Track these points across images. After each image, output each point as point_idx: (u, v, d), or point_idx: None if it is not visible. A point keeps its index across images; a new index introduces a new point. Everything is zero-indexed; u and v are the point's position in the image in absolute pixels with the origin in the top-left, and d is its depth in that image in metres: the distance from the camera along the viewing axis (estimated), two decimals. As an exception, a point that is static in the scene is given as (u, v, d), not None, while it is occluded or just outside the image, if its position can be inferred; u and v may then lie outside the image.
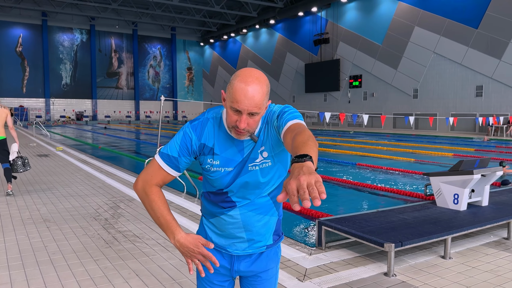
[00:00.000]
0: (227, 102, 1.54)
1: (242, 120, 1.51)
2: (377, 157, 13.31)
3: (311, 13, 37.12)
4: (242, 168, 1.65)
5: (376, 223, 4.44)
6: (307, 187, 1.04)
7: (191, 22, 51.46)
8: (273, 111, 1.63)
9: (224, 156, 1.65)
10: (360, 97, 33.31)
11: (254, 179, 1.66)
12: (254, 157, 1.65)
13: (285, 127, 1.50)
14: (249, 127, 1.55)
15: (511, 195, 6.04)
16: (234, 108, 1.51)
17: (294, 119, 1.52)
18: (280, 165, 1.71)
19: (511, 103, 23.58)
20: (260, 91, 1.50)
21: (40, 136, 22.21)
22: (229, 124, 1.57)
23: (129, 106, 51.86)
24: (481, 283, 3.55)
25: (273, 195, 1.76)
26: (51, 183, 8.28)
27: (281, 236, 1.88)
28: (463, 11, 25.43)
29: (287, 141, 1.44)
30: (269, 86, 1.58)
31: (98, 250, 4.32)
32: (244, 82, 1.49)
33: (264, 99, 1.52)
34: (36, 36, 45.82)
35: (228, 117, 1.56)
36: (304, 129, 1.42)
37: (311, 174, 1.08)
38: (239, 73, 1.53)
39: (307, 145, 1.29)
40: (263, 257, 1.81)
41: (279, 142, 1.61)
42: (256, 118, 1.54)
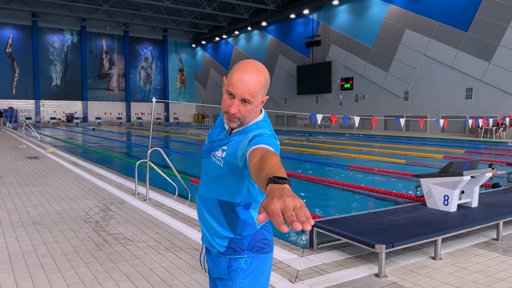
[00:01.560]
0: (224, 86, 1.60)
1: (234, 104, 1.55)
2: (368, 159, 13.38)
3: (303, 15, 37.26)
4: (209, 152, 1.75)
5: (367, 225, 4.46)
6: (294, 210, 0.99)
7: (182, 24, 51.36)
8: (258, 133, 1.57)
9: (213, 130, 1.81)
10: (351, 99, 33.47)
11: (207, 167, 1.75)
12: (216, 147, 1.72)
13: (255, 146, 1.44)
14: (240, 115, 1.57)
15: (500, 196, 6.10)
16: (229, 92, 1.55)
17: (268, 145, 1.46)
18: (230, 177, 1.67)
19: (500, 105, 23.86)
20: (257, 80, 1.54)
21: (30, 138, 21.99)
22: (223, 109, 1.62)
23: (120, 107, 51.56)
24: (470, 283, 3.59)
25: (225, 212, 1.73)
26: (41, 185, 8.20)
27: (242, 252, 1.76)
28: (453, 14, 25.70)
29: (254, 158, 1.37)
30: (268, 80, 1.61)
31: (88, 253, 4.28)
32: (243, 69, 1.55)
33: (259, 90, 1.55)
34: (26, 37, 45.40)
35: (223, 102, 1.61)
36: (277, 157, 1.35)
37: (295, 197, 1.04)
38: (242, 61, 1.59)
39: (282, 170, 1.23)
40: (218, 261, 1.80)
41: (237, 158, 1.57)
42: (248, 107, 1.56)
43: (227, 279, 1.77)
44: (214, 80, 52.29)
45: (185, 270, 3.86)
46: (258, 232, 1.78)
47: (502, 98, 23.70)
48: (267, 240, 1.81)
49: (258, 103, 1.59)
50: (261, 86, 1.55)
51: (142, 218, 5.68)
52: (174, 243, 4.63)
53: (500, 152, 15.46)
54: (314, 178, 9.55)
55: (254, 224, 1.76)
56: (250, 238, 1.77)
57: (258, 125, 1.66)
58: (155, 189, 7.73)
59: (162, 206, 6.44)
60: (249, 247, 1.76)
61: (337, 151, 15.96)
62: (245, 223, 1.74)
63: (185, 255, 4.24)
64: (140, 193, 7.31)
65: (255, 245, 1.77)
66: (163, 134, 28.37)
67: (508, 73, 23.12)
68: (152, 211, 6.08)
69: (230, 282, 1.76)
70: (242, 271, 1.76)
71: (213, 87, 52.56)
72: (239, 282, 1.76)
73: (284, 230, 0.97)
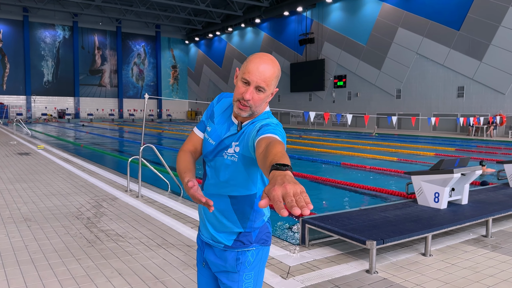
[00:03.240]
0: (239, 75, 1.67)
1: (249, 91, 1.62)
2: (361, 156, 13.45)
3: (297, 12, 37.27)
4: (218, 151, 1.74)
5: (358, 221, 4.50)
6: (294, 196, 1.05)
7: (176, 20, 51.11)
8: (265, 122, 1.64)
9: (215, 127, 1.79)
10: (344, 97, 33.59)
11: (217, 166, 1.74)
12: (228, 144, 1.72)
13: (265, 135, 1.51)
14: (253, 102, 1.64)
15: (489, 193, 6.18)
16: (245, 79, 1.63)
17: (275, 134, 1.53)
18: (245, 172, 1.71)
19: (491, 104, 24.09)
20: (272, 69, 1.63)
21: (21, 134, 21.80)
22: (235, 97, 1.67)
23: (112, 104, 51.24)
24: (460, 279, 3.63)
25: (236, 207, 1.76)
26: (32, 181, 8.14)
27: (250, 245, 1.81)
28: (446, 13, 25.86)
29: (261, 147, 1.44)
30: (280, 73, 1.70)
31: (80, 250, 4.27)
32: (259, 58, 1.64)
33: (273, 79, 1.64)
34: (17, 32, 44.91)
35: (237, 89, 1.66)
36: (282, 145, 1.42)
37: (296, 183, 1.10)
38: (256, 53, 1.68)
39: (285, 157, 1.30)
40: (224, 255, 1.82)
41: (250, 150, 1.62)
42: (262, 95, 1.64)
43: (233, 272, 1.80)
44: (207, 77, 52.15)
45: (177, 266, 3.86)
46: (264, 225, 1.85)
47: (493, 97, 23.92)
48: (269, 233, 1.89)
49: (269, 94, 1.67)
50: (275, 77, 1.65)
51: (134, 215, 5.68)
52: (166, 240, 4.63)
53: (491, 150, 15.62)
54: (306, 176, 9.59)
55: (263, 215, 1.83)
56: (258, 231, 1.82)
57: (269, 115, 1.74)
58: (148, 185, 7.71)
59: (154, 202, 6.44)
60: (256, 240, 1.82)
61: (330, 148, 16.02)
62: (257, 214, 1.80)
63: (177, 252, 4.25)
64: (132, 190, 7.29)
65: (261, 238, 1.84)
66: (156, 131, 28.27)
67: (499, 72, 23.33)
68: (144, 208, 6.08)
69: (237, 275, 1.80)
70: (248, 263, 1.81)
71: (206, 84, 52.42)
72: (246, 274, 1.81)
73: (284, 214, 1.03)
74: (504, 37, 22.99)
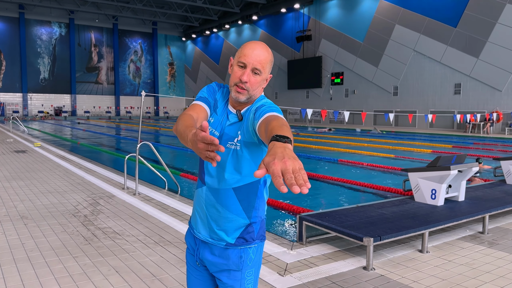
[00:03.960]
0: (234, 61, 1.71)
1: (246, 73, 1.66)
2: (358, 153, 13.46)
3: (294, 9, 37.19)
4: (221, 143, 1.71)
5: (355, 218, 4.51)
6: (293, 172, 1.04)
7: (172, 17, 50.93)
8: (259, 104, 1.69)
9: (217, 117, 1.78)
10: (341, 94, 33.59)
11: (224, 159, 1.71)
12: (233, 135, 1.71)
13: (262, 118, 1.54)
14: (250, 85, 1.67)
15: (486, 190, 6.20)
16: (241, 62, 1.67)
17: (271, 112, 1.57)
18: (251, 161, 1.70)
19: (488, 100, 24.14)
20: (266, 54, 1.69)
21: (17, 132, 21.71)
22: (232, 82, 1.70)
23: (109, 101, 51.07)
24: (457, 276, 3.65)
25: (242, 197, 1.75)
26: (29, 179, 8.11)
27: (252, 242, 1.80)
28: (443, 10, 25.86)
29: (262, 128, 1.49)
30: (273, 60, 1.74)
31: (77, 247, 4.26)
32: (254, 43, 1.70)
33: (268, 63, 1.70)
34: (13, 29, 44.63)
35: (233, 74, 1.70)
36: (280, 118, 1.48)
37: (296, 159, 1.08)
38: (250, 41, 1.73)
39: (284, 129, 1.32)
40: (226, 254, 1.78)
41: (251, 134, 1.65)
42: (258, 78, 1.68)
43: (236, 270, 1.78)
44: (205, 74, 52.04)
45: (174, 264, 3.86)
46: (263, 220, 1.86)
47: (490, 94, 23.97)
48: (265, 228, 1.91)
49: (265, 78, 1.71)
50: (269, 60, 1.70)
51: (131, 212, 5.67)
52: (164, 237, 4.62)
53: (487, 147, 15.67)
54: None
55: (265, 205, 1.85)
56: (259, 227, 1.83)
57: (263, 98, 1.76)
58: (145, 183, 7.70)
59: (151, 200, 6.43)
60: (257, 236, 1.82)
61: (327, 145, 16.03)
62: (261, 201, 1.81)
63: (174, 249, 4.25)
64: (129, 188, 7.28)
65: (261, 234, 1.85)
66: (154, 128, 28.22)
67: (496, 69, 23.38)
68: (141, 205, 6.07)
69: (239, 273, 1.78)
70: (250, 260, 1.80)
71: (203, 81, 52.30)
72: (247, 271, 1.80)
73: (283, 191, 1.03)
74: (501, 34, 23.02)
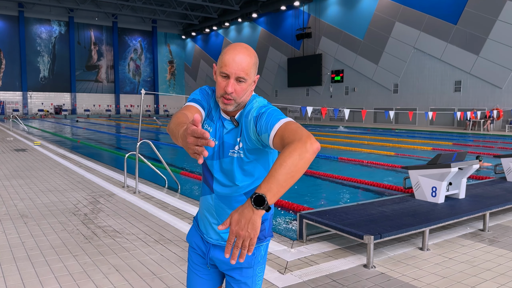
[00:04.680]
0: (217, 70, 1.63)
1: (230, 84, 1.58)
2: (358, 151, 13.45)
3: (294, 7, 37.13)
4: (223, 151, 1.69)
5: (356, 216, 4.50)
6: (237, 241, 1.31)
7: (172, 15, 50.86)
8: (254, 107, 1.63)
9: (214, 126, 1.72)
10: (341, 91, 33.56)
11: (230, 167, 1.68)
12: (232, 143, 1.68)
13: (272, 134, 1.49)
14: (236, 94, 1.60)
15: (487, 187, 6.19)
16: (223, 73, 1.59)
17: (276, 119, 1.51)
18: (258, 164, 1.69)
19: (488, 98, 24.11)
20: (249, 58, 1.59)
21: (17, 130, 21.71)
22: (218, 93, 1.63)
23: (109, 99, 51.06)
24: (457, 273, 3.64)
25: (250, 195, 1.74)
26: (29, 178, 8.11)
27: (264, 240, 1.82)
28: (443, 7, 25.81)
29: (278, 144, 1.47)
30: (257, 60, 1.66)
31: (77, 246, 4.25)
32: (233, 49, 1.60)
33: (251, 68, 1.60)
34: (13, 28, 44.59)
35: (218, 85, 1.63)
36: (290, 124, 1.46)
37: (250, 229, 1.29)
38: (230, 45, 1.63)
39: (277, 171, 1.31)
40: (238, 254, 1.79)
41: (254, 142, 1.61)
42: (243, 85, 1.60)
43: (248, 267, 1.80)
44: (204, 72, 51.99)
45: (174, 262, 3.85)
46: (271, 217, 1.85)
47: (490, 91, 23.95)
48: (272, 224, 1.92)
49: (251, 82, 1.63)
50: (252, 64, 1.61)
51: (131, 211, 5.66)
52: (164, 236, 4.62)
53: (488, 145, 15.66)
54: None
55: None
56: (269, 224, 1.83)
57: (255, 98, 1.70)
58: (145, 181, 7.69)
59: (151, 198, 6.42)
60: (268, 233, 1.83)
61: (327, 143, 16.02)
62: None
63: (174, 248, 4.24)
64: (129, 186, 7.27)
65: (271, 230, 1.86)
66: (153, 127, 28.19)
67: (496, 66, 23.35)
68: (141, 204, 6.06)
69: (251, 269, 1.80)
70: (261, 257, 1.83)
71: (203, 79, 52.26)
72: (258, 268, 1.83)
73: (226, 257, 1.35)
74: (501, 31, 22.98)
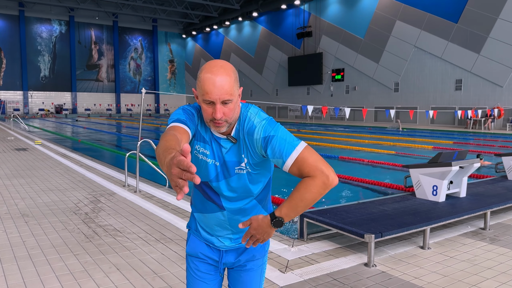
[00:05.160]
0: (199, 97, 1.55)
1: (217, 110, 1.51)
2: (358, 150, 13.45)
3: (294, 6, 37.08)
4: (227, 170, 1.66)
5: (356, 215, 4.49)
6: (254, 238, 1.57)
7: (173, 14, 50.82)
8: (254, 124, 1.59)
9: (210, 147, 1.66)
10: (342, 90, 33.53)
11: (240, 183, 1.68)
12: (236, 160, 1.65)
13: (289, 163, 1.55)
14: (226, 117, 1.55)
15: (488, 186, 6.18)
16: (207, 101, 1.52)
17: (293, 148, 1.56)
18: (263, 171, 1.72)
19: (489, 96, 24.08)
20: (228, 78, 1.51)
21: (18, 130, 21.72)
22: (206, 119, 1.57)
23: (109, 99, 51.04)
24: (458, 272, 3.64)
25: (260, 198, 1.79)
26: (30, 177, 8.12)
27: None
28: (444, 5, 25.76)
29: (295, 172, 1.56)
30: (236, 73, 1.59)
31: (78, 245, 4.26)
32: (210, 72, 1.50)
33: (233, 86, 1.53)
34: (13, 27, 44.57)
35: (204, 112, 1.56)
36: (311, 168, 1.55)
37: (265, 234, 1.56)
38: (204, 66, 1.55)
39: (298, 204, 1.52)
40: (250, 249, 1.86)
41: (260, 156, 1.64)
42: (230, 106, 1.54)
43: (258, 258, 1.89)
44: (205, 71, 51.84)
45: (175, 261, 3.85)
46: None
47: (491, 90, 23.91)
48: None
49: (236, 98, 1.56)
50: (234, 82, 1.54)
51: (132, 210, 5.66)
52: (165, 235, 4.62)
53: (489, 143, 15.64)
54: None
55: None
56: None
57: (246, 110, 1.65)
58: (146, 180, 7.69)
59: (152, 197, 6.42)
60: None
61: (328, 142, 16.01)
62: (270, 189, 1.86)
63: (175, 246, 4.24)
64: (130, 185, 7.27)
65: None
66: (154, 126, 28.20)
67: (497, 65, 23.31)
68: (142, 203, 6.06)
69: (261, 260, 1.90)
70: (267, 246, 1.94)
71: (203, 78, 52.14)
72: (265, 257, 1.93)
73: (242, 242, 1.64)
74: (502, 29, 22.93)
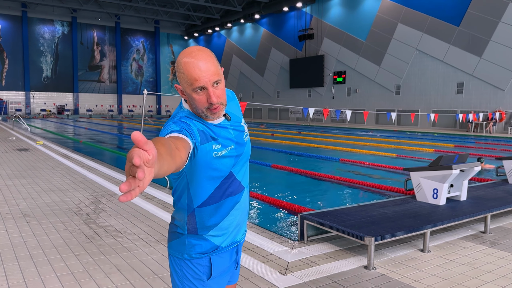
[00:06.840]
0: (187, 89, 1.50)
1: (211, 94, 1.48)
2: (359, 153, 13.45)
3: (296, 8, 37.15)
4: (241, 145, 1.68)
5: (357, 217, 4.50)
6: None
7: (175, 15, 50.93)
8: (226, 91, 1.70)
9: (222, 137, 1.60)
10: (343, 93, 33.55)
11: (249, 146, 1.75)
12: (243, 129, 1.72)
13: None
14: (221, 99, 1.53)
15: (488, 189, 6.18)
16: (197, 87, 1.48)
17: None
18: None
19: (490, 100, 24.07)
20: (210, 59, 1.49)
21: (20, 130, 21.77)
22: (202, 107, 1.52)
23: (111, 100, 51.15)
24: (458, 275, 3.64)
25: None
26: (31, 177, 8.14)
27: None
28: (445, 8, 25.79)
29: None
30: (213, 53, 1.56)
31: (79, 245, 4.27)
32: (192, 60, 1.47)
33: (218, 65, 1.52)
34: (16, 28, 44.74)
35: (197, 102, 1.51)
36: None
37: None
38: (181, 56, 1.50)
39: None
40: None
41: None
42: (221, 86, 1.53)
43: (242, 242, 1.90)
44: (207, 72, 51.91)
45: (176, 262, 3.86)
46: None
47: (493, 93, 23.91)
48: None
49: (223, 77, 1.56)
50: (217, 62, 1.52)
51: (133, 211, 5.68)
52: (165, 236, 4.63)
53: (489, 147, 15.63)
54: (305, 172, 9.59)
55: None
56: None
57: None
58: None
59: (153, 198, 6.44)
60: None
61: (329, 144, 16.02)
62: None
63: (176, 248, 4.24)
64: (131, 186, 7.27)
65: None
66: (156, 127, 28.24)
67: (499, 68, 23.31)
68: (143, 204, 6.08)
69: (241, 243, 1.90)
70: None
71: (205, 80, 52.22)
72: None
73: None
74: (504, 33, 22.95)
